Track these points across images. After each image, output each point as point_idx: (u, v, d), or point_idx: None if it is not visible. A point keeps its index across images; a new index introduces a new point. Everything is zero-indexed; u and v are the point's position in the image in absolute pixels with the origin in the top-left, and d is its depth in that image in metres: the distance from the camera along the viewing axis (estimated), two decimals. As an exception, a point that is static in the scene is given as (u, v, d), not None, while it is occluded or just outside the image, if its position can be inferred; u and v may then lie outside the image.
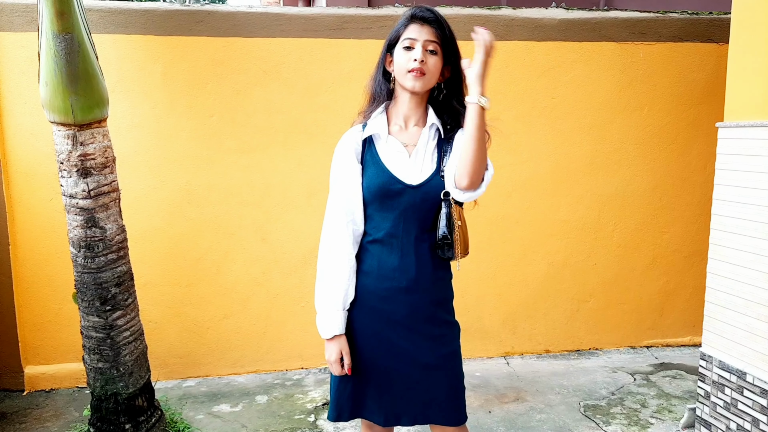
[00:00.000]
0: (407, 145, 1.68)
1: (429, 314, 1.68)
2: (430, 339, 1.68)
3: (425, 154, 1.67)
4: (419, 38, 1.60)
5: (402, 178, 1.64)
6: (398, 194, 1.64)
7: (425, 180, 1.64)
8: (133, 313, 2.53)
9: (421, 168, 1.66)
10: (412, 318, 1.67)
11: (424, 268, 1.66)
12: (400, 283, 1.66)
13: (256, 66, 3.25)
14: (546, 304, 3.73)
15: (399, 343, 1.68)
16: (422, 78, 1.61)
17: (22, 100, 3.08)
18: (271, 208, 3.37)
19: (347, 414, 1.74)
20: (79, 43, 2.24)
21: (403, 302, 1.66)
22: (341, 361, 1.68)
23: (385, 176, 1.65)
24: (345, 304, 1.69)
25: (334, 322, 1.68)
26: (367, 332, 1.70)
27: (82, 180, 2.34)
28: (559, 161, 3.60)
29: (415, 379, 1.69)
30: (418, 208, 1.64)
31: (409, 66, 1.59)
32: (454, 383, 1.73)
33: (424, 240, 1.66)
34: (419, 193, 1.63)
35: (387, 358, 1.69)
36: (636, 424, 2.86)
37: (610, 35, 3.53)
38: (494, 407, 3.04)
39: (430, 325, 1.69)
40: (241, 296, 3.41)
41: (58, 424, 2.90)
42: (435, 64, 1.62)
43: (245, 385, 3.32)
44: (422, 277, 1.66)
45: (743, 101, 2.46)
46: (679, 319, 3.86)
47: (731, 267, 2.51)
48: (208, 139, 3.26)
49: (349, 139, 1.70)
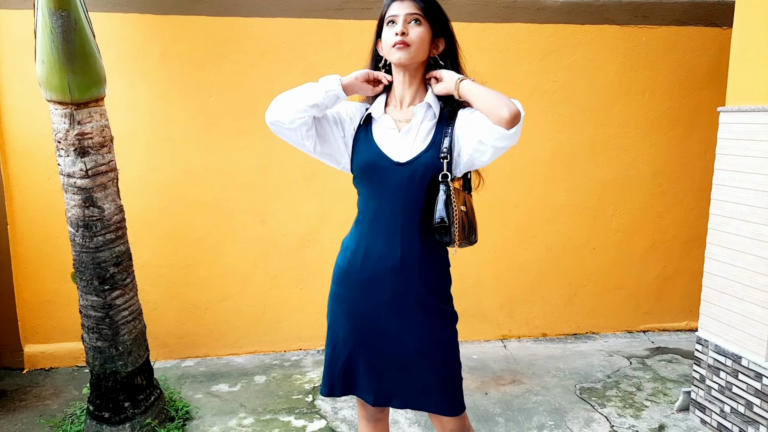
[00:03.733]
0: (399, 121, 1.66)
1: (419, 301, 1.63)
2: (419, 326, 1.63)
3: (418, 132, 1.63)
4: (400, 13, 1.59)
5: (390, 155, 1.62)
6: (385, 171, 1.61)
7: (413, 158, 1.60)
8: (131, 293, 2.54)
9: (411, 146, 1.62)
10: (400, 302, 1.63)
11: (411, 250, 1.62)
12: (386, 263, 1.62)
13: (256, 46, 3.22)
14: (544, 288, 3.74)
15: (388, 326, 1.64)
16: (406, 49, 1.58)
17: (19, 78, 3.05)
18: (269, 189, 3.36)
19: (339, 390, 1.72)
20: (76, 20, 2.22)
21: (389, 284, 1.62)
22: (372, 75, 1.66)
23: (372, 152, 1.64)
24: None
25: (326, 80, 1.65)
26: (357, 312, 1.68)
27: (79, 159, 2.33)
28: (560, 145, 3.59)
29: (405, 363, 1.65)
30: (405, 186, 1.60)
31: (392, 40, 1.58)
32: (448, 373, 1.66)
33: (413, 221, 1.61)
34: (406, 171, 1.60)
35: (377, 339, 1.66)
36: (631, 407, 2.89)
37: (612, 18, 3.49)
38: (491, 389, 3.07)
39: (421, 312, 1.63)
40: (239, 278, 3.42)
41: (57, 401, 2.92)
42: (420, 35, 1.59)
43: (244, 366, 3.34)
44: (409, 260, 1.61)
45: (745, 86, 2.45)
46: (676, 304, 3.88)
47: (729, 252, 2.52)
48: (206, 120, 3.24)
49: (351, 105, 1.74)
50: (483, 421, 2.74)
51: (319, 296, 3.51)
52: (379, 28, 1.67)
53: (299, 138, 1.66)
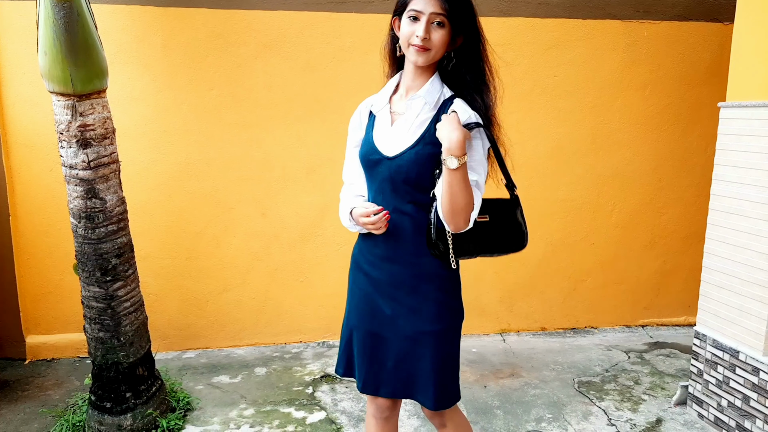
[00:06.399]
0: (396, 113, 1.67)
1: (413, 287, 1.65)
2: (412, 312, 1.65)
3: (411, 126, 1.62)
4: (425, 11, 1.53)
5: (381, 149, 1.64)
6: (376, 164, 1.65)
7: (400, 152, 1.60)
8: (133, 284, 2.55)
9: (400, 140, 1.62)
10: (394, 287, 1.67)
11: (403, 241, 1.64)
12: (382, 251, 1.68)
13: (257, 39, 3.22)
14: (543, 283, 3.75)
15: (384, 309, 1.68)
16: (425, 53, 1.57)
17: (21, 69, 3.06)
18: (270, 182, 3.37)
19: (342, 369, 1.81)
20: (78, 12, 2.22)
21: (386, 270, 1.68)
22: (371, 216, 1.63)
23: (367, 146, 1.68)
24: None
25: (344, 209, 1.74)
26: (359, 293, 1.75)
27: (81, 151, 2.33)
28: (560, 140, 3.59)
29: (397, 349, 1.67)
30: (392, 180, 1.61)
31: (412, 40, 1.55)
32: (438, 365, 1.65)
33: (404, 213, 1.63)
34: (393, 165, 1.60)
35: (374, 323, 1.70)
36: (629, 401, 2.91)
37: (614, 13, 3.49)
38: (490, 382, 3.08)
39: (415, 296, 1.65)
40: (240, 270, 3.43)
41: (59, 392, 2.94)
42: (440, 39, 1.56)
43: (244, 358, 3.36)
44: (402, 250, 1.65)
45: (747, 81, 2.45)
46: (675, 300, 3.90)
47: (728, 247, 2.53)
48: (208, 112, 3.25)
49: (360, 107, 1.77)
50: (482, 414, 2.76)
51: (319, 289, 3.52)
52: (399, 8, 1.60)
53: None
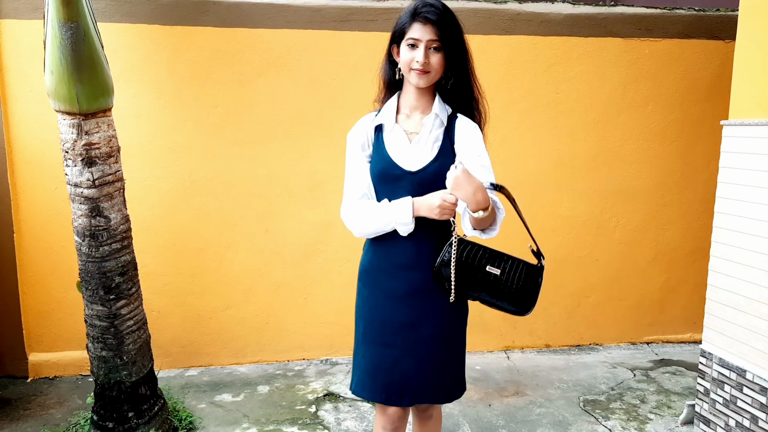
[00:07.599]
0: (410, 132, 1.78)
1: (429, 290, 1.75)
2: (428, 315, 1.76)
3: (426, 142, 1.75)
4: (422, 38, 1.67)
5: (401, 165, 1.74)
6: (398, 179, 1.74)
7: (422, 167, 1.73)
8: (136, 303, 2.55)
9: (421, 155, 1.74)
10: (411, 294, 1.75)
11: (423, 248, 1.74)
12: (400, 260, 1.76)
13: (261, 57, 3.25)
14: (547, 299, 3.72)
15: (401, 318, 1.76)
16: (425, 76, 1.70)
17: (27, 88, 3.08)
18: (274, 199, 3.38)
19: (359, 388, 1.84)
20: (85, 31, 2.24)
21: (403, 278, 1.76)
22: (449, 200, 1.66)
23: (384, 162, 1.76)
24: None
25: (399, 206, 1.71)
26: (373, 306, 1.80)
27: (86, 169, 2.34)
28: (563, 157, 3.60)
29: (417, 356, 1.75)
30: (416, 192, 1.71)
31: (413, 66, 1.69)
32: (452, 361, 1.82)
33: (424, 224, 1.72)
34: (416, 179, 1.72)
35: (391, 333, 1.76)
36: (635, 420, 2.88)
37: (616, 31, 3.52)
38: (494, 401, 3.06)
39: (431, 298, 1.75)
40: (243, 287, 3.42)
41: (61, 410, 2.92)
42: (439, 61, 1.70)
43: (247, 375, 3.34)
44: (421, 257, 1.74)
45: (748, 99, 2.46)
46: (679, 316, 3.87)
47: (733, 265, 2.52)
48: (212, 130, 3.27)
49: (360, 127, 1.83)
50: (486, 433, 2.73)
51: (322, 306, 3.51)
52: (397, 37, 1.74)
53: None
